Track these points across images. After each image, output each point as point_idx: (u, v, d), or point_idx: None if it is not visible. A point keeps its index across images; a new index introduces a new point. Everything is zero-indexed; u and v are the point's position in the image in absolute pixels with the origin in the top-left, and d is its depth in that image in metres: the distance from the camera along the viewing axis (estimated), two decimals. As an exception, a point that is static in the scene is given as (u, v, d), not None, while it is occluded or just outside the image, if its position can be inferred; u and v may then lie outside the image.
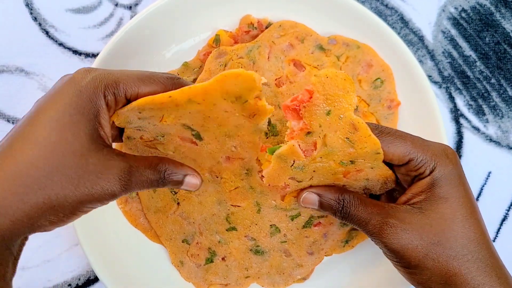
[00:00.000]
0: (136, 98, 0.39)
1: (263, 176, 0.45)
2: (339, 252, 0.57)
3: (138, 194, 0.55)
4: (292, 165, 0.42)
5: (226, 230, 0.53)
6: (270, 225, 0.52)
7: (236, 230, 0.53)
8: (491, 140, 0.64)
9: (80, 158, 0.35)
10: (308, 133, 0.39)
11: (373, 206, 0.42)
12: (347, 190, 0.44)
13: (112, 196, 0.37)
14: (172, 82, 0.40)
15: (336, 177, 0.43)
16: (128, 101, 0.39)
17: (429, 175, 0.41)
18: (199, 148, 0.45)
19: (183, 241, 0.54)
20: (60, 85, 0.37)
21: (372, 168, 0.43)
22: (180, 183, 0.42)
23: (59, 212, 0.36)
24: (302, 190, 0.45)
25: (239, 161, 0.46)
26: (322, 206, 0.44)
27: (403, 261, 0.40)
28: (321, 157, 0.41)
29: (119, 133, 0.45)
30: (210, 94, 0.37)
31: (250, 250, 0.54)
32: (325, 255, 0.57)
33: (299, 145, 0.40)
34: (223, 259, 0.54)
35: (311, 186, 0.45)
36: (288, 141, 0.40)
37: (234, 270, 0.54)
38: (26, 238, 0.37)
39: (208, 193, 0.51)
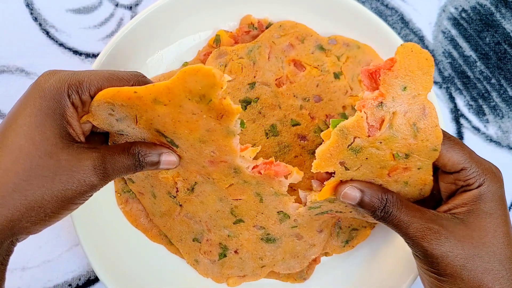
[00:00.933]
0: None
1: (260, 173, 0.44)
2: (339, 252, 0.57)
3: (140, 202, 0.55)
4: (350, 144, 0.40)
5: (233, 223, 0.52)
6: (278, 212, 0.50)
7: (244, 222, 0.52)
8: (491, 140, 0.64)
9: (51, 157, 0.36)
10: (380, 104, 0.38)
11: (415, 210, 0.41)
12: (389, 190, 0.43)
13: (92, 188, 0.38)
14: (137, 80, 0.41)
15: (381, 172, 0.42)
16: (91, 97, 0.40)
17: (476, 188, 0.41)
18: (179, 153, 0.44)
19: (193, 240, 0.54)
20: (26, 91, 0.38)
21: (419, 169, 0.42)
22: (157, 163, 0.42)
23: (39, 212, 0.36)
24: (342, 183, 0.43)
25: (223, 164, 0.44)
26: (362, 203, 0.42)
27: (439, 269, 0.40)
28: (381, 142, 0.40)
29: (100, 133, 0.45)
30: (174, 93, 0.36)
31: (261, 239, 0.53)
32: (325, 255, 0.57)
33: (366, 117, 0.39)
34: (235, 252, 0.54)
35: (352, 180, 0.43)
36: (357, 111, 0.39)
37: (249, 261, 0.54)
38: (12, 243, 0.37)
39: (206, 192, 0.51)
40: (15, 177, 0.35)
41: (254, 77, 0.56)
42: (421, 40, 0.65)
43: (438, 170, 0.44)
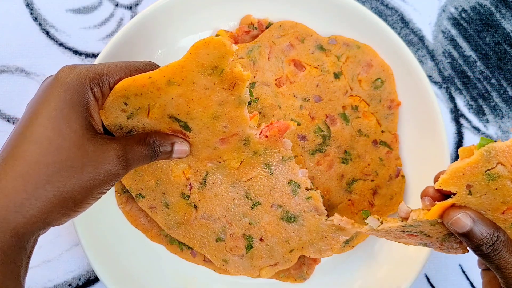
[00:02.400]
0: None
1: (266, 136, 0.45)
2: (339, 253, 0.57)
3: (152, 219, 0.55)
4: (490, 170, 0.37)
5: (251, 208, 0.52)
6: (288, 183, 0.50)
7: (261, 204, 0.52)
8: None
9: (79, 148, 0.37)
10: None
11: None
12: (501, 227, 0.41)
13: (116, 176, 0.40)
14: (151, 68, 0.42)
15: (498, 207, 0.39)
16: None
17: None
18: (191, 140, 0.46)
19: (216, 241, 0.54)
20: (46, 85, 0.39)
21: None
22: (170, 152, 0.44)
23: (69, 203, 0.37)
24: (455, 208, 0.40)
25: (234, 138, 0.46)
26: (470, 233, 0.39)
27: None
28: None
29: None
30: (187, 70, 0.39)
31: (282, 219, 0.52)
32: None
33: None
34: (261, 240, 0.53)
35: (465, 207, 0.40)
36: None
37: (276, 247, 0.53)
38: (38, 236, 0.38)
39: (218, 182, 0.51)
40: (46, 169, 0.36)
41: (254, 77, 0.56)
42: (421, 40, 0.65)
43: None
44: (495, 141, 0.37)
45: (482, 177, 0.37)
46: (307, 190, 0.50)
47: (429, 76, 0.64)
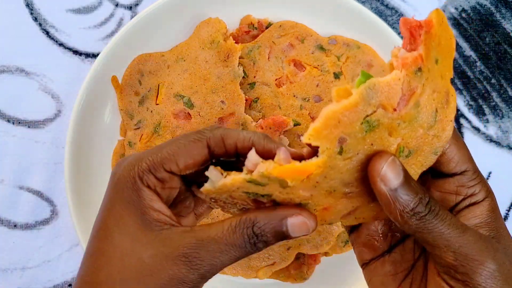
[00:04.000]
0: (183, 166, 0.33)
1: (261, 127, 0.47)
2: (339, 252, 0.57)
3: None
4: (369, 115, 0.27)
5: None
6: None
7: None
8: (491, 140, 0.64)
9: (132, 257, 0.30)
10: (419, 70, 0.28)
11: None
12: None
13: (182, 283, 0.30)
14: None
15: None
16: (171, 172, 0.33)
17: (483, 200, 0.32)
18: (193, 121, 0.50)
19: None
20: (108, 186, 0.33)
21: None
22: (282, 234, 0.30)
23: None
24: (379, 155, 0.29)
25: (232, 119, 0.50)
26: (398, 194, 0.29)
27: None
28: (399, 123, 0.29)
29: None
30: (191, 46, 0.53)
31: None
32: (325, 255, 0.57)
33: (402, 82, 0.28)
34: None
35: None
36: (395, 70, 0.28)
37: (274, 245, 0.53)
38: None
39: None
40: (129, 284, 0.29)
41: (254, 77, 0.56)
42: (421, 40, 0.65)
43: (427, 180, 0.34)
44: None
45: (360, 127, 0.27)
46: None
47: (429, 76, 0.64)
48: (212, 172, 0.31)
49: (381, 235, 0.36)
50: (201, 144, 0.32)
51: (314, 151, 0.29)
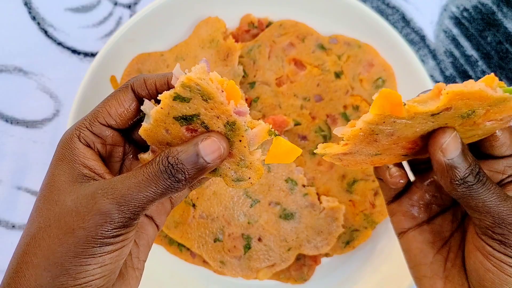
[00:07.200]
0: (121, 120, 0.34)
1: None
2: (340, 253, 0.57)
3: None
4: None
5: (250, 206, 0.53)
6: (285, 180, 0.53)
7: (260, 202, 0.53)
8: (493, 140, 0.64)
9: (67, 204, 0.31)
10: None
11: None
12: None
13: (107, 218, 0.30)
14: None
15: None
16: (109, 126, 0.34)
17: None
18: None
19: (215, 241, 0.54)
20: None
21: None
22: (196, 158, 0.31)
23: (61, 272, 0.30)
24: (440, 131, 0.33)
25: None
26: (462, 155, 0.33)
27: None
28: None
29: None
30: (191, 45, 0.50)
31: (280, 217, 0.53)
32: (326, 256, 0.56)
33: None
34: (259, 240, 0.54)
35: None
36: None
37: (274, 246, 0.54)
38: None
39: (217, 180, 0.51)
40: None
41: (254, 76, 0.56)
42: (422, 39, 0.64)
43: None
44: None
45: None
46: (304, 187, 0.52)
47: (431, 76, 0.64)
48: (147, 104, 0.33)
49: (422, 206, 0.39)
50: (126, 90, 0.34)
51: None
